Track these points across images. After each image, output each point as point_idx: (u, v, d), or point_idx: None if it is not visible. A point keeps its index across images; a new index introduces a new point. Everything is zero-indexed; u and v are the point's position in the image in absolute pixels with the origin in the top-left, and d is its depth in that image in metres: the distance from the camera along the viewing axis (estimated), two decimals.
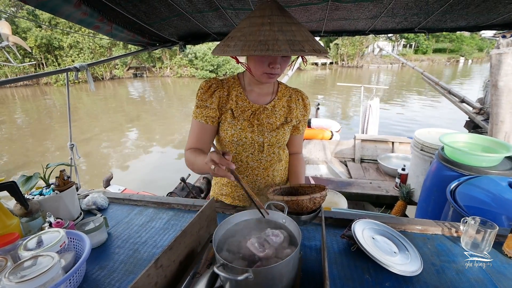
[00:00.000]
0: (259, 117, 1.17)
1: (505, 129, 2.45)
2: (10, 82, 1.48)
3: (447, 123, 8.55)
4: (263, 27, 0.91)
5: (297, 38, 0.90)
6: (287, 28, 0.92)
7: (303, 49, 0.88)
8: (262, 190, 1.30)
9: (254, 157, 1.22)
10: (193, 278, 0.78)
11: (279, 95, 1.23)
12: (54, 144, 8.76)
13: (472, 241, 0.99)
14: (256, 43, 0.89)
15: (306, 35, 0.93)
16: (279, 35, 0.89)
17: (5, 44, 4.12)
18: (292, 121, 1.25)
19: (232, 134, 1.17)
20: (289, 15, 0.96)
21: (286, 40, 0.89)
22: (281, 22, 0.92)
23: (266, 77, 1.05)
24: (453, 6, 1.44)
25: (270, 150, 1.23)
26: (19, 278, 0.73)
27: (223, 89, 1.17)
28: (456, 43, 37.41)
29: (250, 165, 1.24)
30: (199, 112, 1.17)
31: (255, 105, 1.18)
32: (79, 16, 1.35)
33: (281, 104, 1.23)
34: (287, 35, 0.90)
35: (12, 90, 20.32)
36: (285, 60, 1.04)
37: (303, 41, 0.90)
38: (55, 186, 1.20)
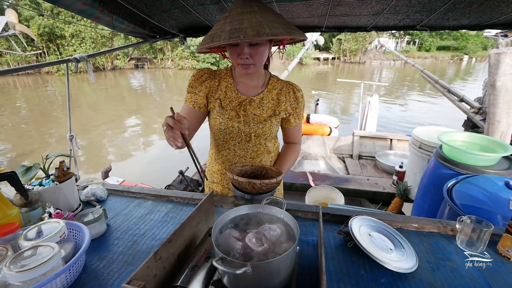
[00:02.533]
0: (245, 108, 1.21)
1: (501, 128, 2.46)
2: (10, 72, 1.47)
3: (447, 122, 8.56)
4: (219, 22, 1.00)
5: (242, 26, 0.93)
6: (238, 17, 0.96)
7: (239, 36, 0.92)
8: None
9: (241, 146, 1.28)
10: (191, 271, 0.79)
11: (269, 87, 1.25)
12: (54, 134, 8.74)
13: (468, 240, 1.01)
14: (207, 38, 0.98)
15: (259, 20, 0.94)
16: (226, 26, 0.95)
17: (11, 32, 4.10)
18: (281, 114, 1.26)
19: (220, 122, 1.23)
20: (250, 5, 0.98)
21: (229, 30, 0.93)
22: (236, 14, 0.97)
23: (241, 67, 1.09)
24: (456, 4, 1.44)
25: (256, 141, 1.26)
26: (19, 267, 0.74)
27: (214, 79, 1.24)
28: (461, 41, 37.16)
29: (238, 153, 1.30)
30: (189, 97, 1.24)
31: (242, 96, 1.22)
32: (79, 6, 1.34)
33: (270, 97, 1.24)
34: (233, 25, 0.94)
35: (14, 78, 20.30)
36: (256, 50, 1.04)
37: (247, 28, 0.93)
38: (54, 177, 1.20)
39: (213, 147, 1.38)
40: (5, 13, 4.07)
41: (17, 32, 4.11)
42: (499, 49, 2.36)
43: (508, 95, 2.38)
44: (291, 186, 3.32)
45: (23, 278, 0.73)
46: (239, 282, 0.74)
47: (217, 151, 1.36)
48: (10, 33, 4.11)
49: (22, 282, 0.73)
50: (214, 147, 1.37)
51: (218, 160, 1.37)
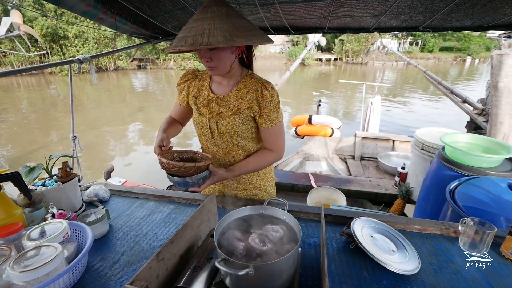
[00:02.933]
0: (211, 105, 1.28)
1: (504, 130, 2.45)
2: (14, 73, 1.48)
3: (449, 123, 8.52)
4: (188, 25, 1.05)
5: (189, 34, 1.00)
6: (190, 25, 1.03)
7: (182, 45, 1.00)
8: None
9: (212, 142, 1.35)
10: (193, 272, 0.79)
11: (239, 86, 1.26)
12: (57, 135, 8.78)
13: (470, 242, 1.00)
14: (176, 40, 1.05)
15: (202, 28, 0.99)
16: (181, 33, 1.03)
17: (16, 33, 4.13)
18: (245, 112, 1.24)
19: (194, 117, 1.36)
20: (205, 11, 1.02)
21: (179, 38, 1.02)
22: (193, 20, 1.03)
23: (209, 70, 1.18)
24: (459, 5, 1.43)
25: (223, 138, 1.30)
26: (23, 267, 0.74)
27: (196, 79, 1.37)
28: (464, 42, 36.92)
29: (211, 149, 1.38)
30: (177, 95, 1.43)
31: (212, 94, 1.29)
32: (82, 8, 1.35)
33: (239, 96, 1.25)
34: (184, 32, 1.02)
35: (17, 78, 20.50)
36: (215, 54, 1.10)
37: (188, 36, 1.00)
38: (57, 177, 1.21)
39: (199, 140, 1.46)
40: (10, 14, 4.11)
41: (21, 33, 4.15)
42: (501, 50, 2.35)
43: (510, 97, 2.37)
44: (293, 187, 3.32)
45: (26, 278, 0.73)
46: (241, 283, 0.74)
47: (201, 144, 1.46)
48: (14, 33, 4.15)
49: (26, 282, 0.73)
50: (199, 141, 1.46)
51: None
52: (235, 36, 1.01)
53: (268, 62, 31.81)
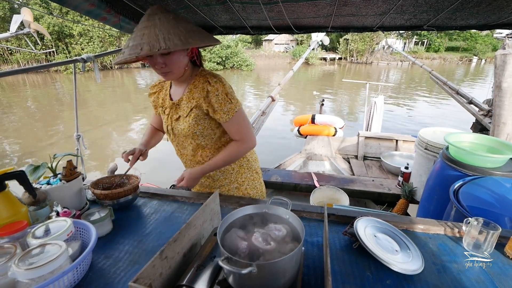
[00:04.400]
0: (169, 111, 1.34)
1: (507, 130, 2.43)
2: (20, 72, 1.49)
3: (455, 124, 8.47)
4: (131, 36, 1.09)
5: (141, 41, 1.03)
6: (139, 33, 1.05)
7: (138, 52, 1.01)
8: None
9: (179, 145, 1.41)
10: (197, 270, 0.79)
11: (190, 87, 1.27)
12: (61, 133, 8.84)
13: (474, 242, 1.00)
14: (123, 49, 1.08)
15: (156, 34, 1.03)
16: (130, 42, 1.06)
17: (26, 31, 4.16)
18: (195, 111, 1.25)
19: (162, 125, 1.46)
20: (153, 19, 1.05)
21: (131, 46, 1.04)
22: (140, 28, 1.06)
23: (162, 75, 1.20)
24: (464, 4, 1.42)
25: (187, 141, 1.35)
26: (27, 265, 0.75)
27: (162, 90, 1.41)
28: (470, 41, 36.63)
29: (181, 152, 1.44)
30: (153, 108, 1.50)
31: (170, 101, 1.34)
32: (86, 7, 1.36)
33: (190, 97, 1.26)
34: (136, 40, 1.04)
35: (23, 76, 20.89)
36: (169, 58, 1.11)
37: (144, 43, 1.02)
38: (62, 176, 1.21)
39: None
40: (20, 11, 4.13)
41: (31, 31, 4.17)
42: (505, 50, 2.33)
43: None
44: (296, 186, 3.32)
45: (31, 275, 0.74)
46: (245, 282, 0.74)
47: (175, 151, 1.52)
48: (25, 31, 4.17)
49: (30, 280, 0.74)
50: None
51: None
52: (190, 38, 1.06)
53: (272, 61, 31.77)
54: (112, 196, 1.23)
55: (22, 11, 4.10)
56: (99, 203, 1.27)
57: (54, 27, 22.40)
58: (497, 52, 2.39)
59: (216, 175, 1.47)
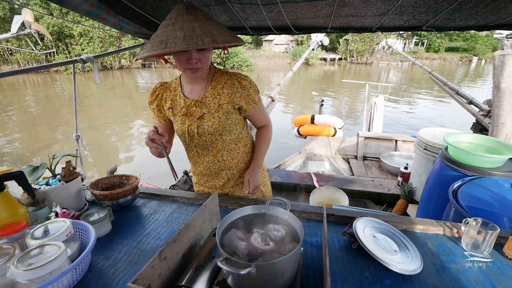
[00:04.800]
0: (191, 110, 1.27)
1: (506, 131, 2.43)
2: (20, 72, 1.49)
3: (455, 124, 8.48)
4: (167, 28, 1.03)
5: (195, 33, 1.00)
6: (188, 25, 1.01)
7: (197, 42, 0.98)
8: (219, 175, 1.43)
9: (201, 146, 1.34)
10: (196, 271, 0.79)
11: (213, 84, 1.27)
12: (61, 133, 8.83)
13: (473, 242, 1.00)
14: (157, 43, 1.01)
15: (208, 28, 1.03)
16: (178, 33, 1.00)
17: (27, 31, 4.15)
18: (226, 107, 1.27)
19: (177, 129, 1.33)
20: (195, 13, 1.05)
21: (184, 37, 0.99)
22: (184, 21, 1.02)
23: (189, 72, 1.15)
24: (463, 4, 1.42)
25: (212, 138, 1.31)
26: (26, 266, 0.75)
27: (167, 91, 1.33)
28: (470, 42, 36.60)
29: (200, 153, 1.37)
30: (154, 114, 1.39)
31: (188, 100, 1.27)
32: (86, 8, 1.36)
33: (215, 93, 1.26)
34: (186, 32, 1.00)
35: (24, 76, 20.99)
36: (203, 54, 1.11)
37: (201, 35, 1.00)
38: (61, 176, 1.21)
39: (186, 151, 1.45)
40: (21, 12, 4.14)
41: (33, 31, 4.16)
42: (503, 50, 2.33)
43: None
44: (296, 187, 3.32)
45: (30, 276, 0.74)
46: (244, 282, 0.74)
47: (188, 155, 1.45)
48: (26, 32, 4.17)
49: (29, 280, 0.74)
50: (186, 152, 1.45)
51: (192, 162, 1.46)
52: (235, 36, 1.08)
53: (272, 62, 31.79)
54: (111, 196, 1.23)
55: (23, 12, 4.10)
56: (98, 204, 1.27)
57: (54, 28, 22.44)
58: (496, 52, 2.39)
59: (231, 174, 1.44)
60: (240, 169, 1.45)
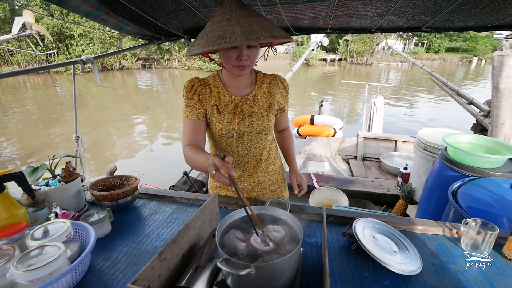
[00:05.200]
0: (242, 108, 1.23)
1: (505, 131, 2.45)
2: (20, 73, 1.49)
3: (456, 125, 8.48)
4: (222, 23, 0.99)
5: (253, 28, 0.96)
6: (244, 20, 0.98)
7: (258, 37, 0.94)
8: (253, 176, 1.38)
9: (244, 146, 1.30)
10: (195, 272, 0.79)
11: (258, 83, 1.28)
12: (61, 134, 8.83)
13: (473, 243, 1.00)
14: (214, 38, 0.97)
15: (265, 24, 1.00)
16: (236, 28, 0.96)
17: (28, 32, 4.16)
18: (275, 106, 1.30)
19: (221, 128, 1.24)
20: (248, 9, 1.02)
21: (242, 32, 0.95)
22: (239, 16, 0.99)
23: (237, 69, 1.11)
24: (462, 5, 1.43)
25: (258, 138, 1.29)
26: (26, 266, 0.75)
27: (205, 87, 1.24)
28: (471, 42, 36.57)
29: (241, 153, 1.32)
30: (189, 110, 1.24)
31: (236, 97, 1.24)
32: (86, 9, 1.36)
33: (262, 92, 1.27)
34: (244, 27, 0.96)
35: (24, 77, 21.05)
36: (252, 51, 1.09)
37: (260, 30, 0.96)
38: (61, 177, 1.21)
39: (213, 152, 1.37)
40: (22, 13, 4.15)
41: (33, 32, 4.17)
42: (502, 51, 2.34)
43: (511, 98, 2.36)
44: None
45: (30, 277, 0.74)
46: (243, 283, 0.74)
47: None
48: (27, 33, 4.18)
49: (29, 281, 0.74)
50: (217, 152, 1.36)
51: None
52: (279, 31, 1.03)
53: (272, 62, 31.77)
54: (111, 197, 1.23)
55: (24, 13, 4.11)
56: (98, 205, 1.27)
57: (54, 29, 22.44)
58: (495, 53, 2.40)
59: (263, 177, 1.40)
60: (271, 171, 1.43)
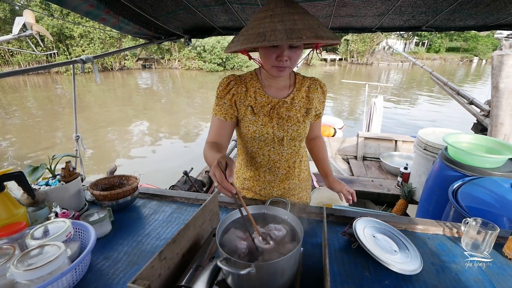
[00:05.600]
0: (278, 111, 1.16)
1: (505, 131, 2.45)
2: (20, 73, 1.49)
3: (456, 125, 8.47)
4: (264, 20, 0.93)
5: (297, 27, 0.88)
6: (288, 17, 0.91)
7: (301, 36, 0.86)
8: (284, 182, 1.32)
9: (276, 151, 1.23)
10: (196, 271, 0.79)
11: (297, 86, 1.21)
12: (61, 134, 8.84)
13: (473, 242, 1.00)
14: (254, 36, 0.91)
15: (310, 23, 0.91)
16: (278, 25, 0.89)
17: (29, 33, 4.16)
18: (312, 112, 1.23)
19: (254, 130, 1.18)
20: (294, 6, 0.94)
21: (285, 30, 0.87)
22: (283, 13, 0.92)
23: (276, 70, 1.04)
24: (462, 5, 1.42)
25: (291, 143, 1.23)
26: (26, 266, 0.75)
27: (241, 85, 1.18)
28: (471, 42, 36.61)
29: (272, 158, 1.25)
30: (218, 109, 1.19)
31: (274, 99, 1.17)
32: (86, 8, 1.36)
33: (300, 96, 1.20)
34: (287, 25, 0.89)
35: (24, 77, 21.05)
36: (295, 52, 1.01)
37: (304, 29, 0.88)
38: (61, 177, 1.21)
39: (243, 153, 1.32)
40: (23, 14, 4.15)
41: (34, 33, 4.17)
42: (502, 50, 2.34)
43: (511, 97, 2.36)
44: None
45: (30, 276, 0.73)
46: (243, 282, 0.74)
47: (249, 158, 1.30)
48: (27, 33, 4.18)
49: (29, 281, 0.74)
50: (245, 154, 1.31)
51: (250, 166, 1.31)
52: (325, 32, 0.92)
53: None
54: (111, 197, 1.23)
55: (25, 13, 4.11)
56: (98, 204, 1.27)
57: (54, 29, 22.43)
58: (494, 53, 2.41)
59: (293, 184, 1.35)
60: (302, 178, 1.37)
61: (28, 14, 4.17)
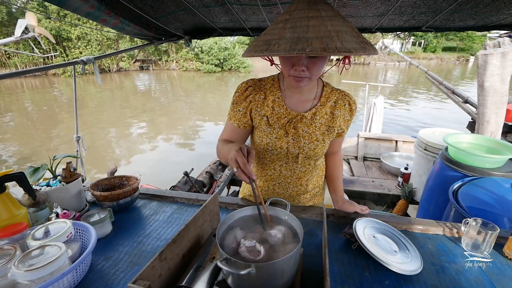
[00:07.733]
0: (295, 126, 1.07)
1: (491, 128, 2.49)
2: (18, 74, 1.49)
3: (454, 124, 8.47)
4: (278, 25, 0.83)
5: (307, 35, 0.76)
6: (302, 23, 0.79)
7: (304, 49, 0.73)
8: (294, 197, 1.27)
9: (288, 167, 1.16)
10: (196, 271, 0.80)
11: (322, 100, 1.10)
12: (61, 135, 8.84)
13: (473, 242, 1.00)
14: (261, 43, 0.82)
15: (328, 30, 0.77)
16: (287, 33, 0.79)
17: (31, 35, 4.19)
18: (334, 131, 1.12)
19: (267, 142, 1.11)
20: (317, 8, 0.81)
21: (291, 39, 0.77)
22: (300, 17, 0.80)
23: (293, 80, 0.95)
24: (462, 5, 1.43)
25: (306, 162, 1.15)
26: (27, 266, 0.75)
27: (260, 92, 1.10)
28: (467, 41, 36.73)
29: (283, 173, 1.19)
30: (233, 115, 1.14)
31: (292, 112, 1.08)
32: (86, 9, 1.36)
33: (324, 111, 1.09)
34: (296, 32, 0.78)
35: (22, 80, 20.93)
36: (315, 62, 0.90)
37: (314, 38, 0.75)
38: (61, 177, 1.22)
39: (255, 161, 1.23)
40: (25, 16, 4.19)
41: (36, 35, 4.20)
42: (486, 50, 2.36)
43: (496, 96, 2.40)
44: None
45: (31, 277, 0.74)
46: (243, 282, 0.74)
47: (260, 169, 1.24)
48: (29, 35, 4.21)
49: (30, 281, 0.74)
50: (256, 162, 1.24)
51: (261, 176, 1.26)
52: (364, 43, 0.78)
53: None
54: (112, 197, 1.23)
55: (27, 16, 4.14)
56: (99, 205, 1.27)
57: (51, 31, 22.44)
58: (479, 52, 2.44)
59: (304, 198, 1.29)
60: (314, 193, 1.32)
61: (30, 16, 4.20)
